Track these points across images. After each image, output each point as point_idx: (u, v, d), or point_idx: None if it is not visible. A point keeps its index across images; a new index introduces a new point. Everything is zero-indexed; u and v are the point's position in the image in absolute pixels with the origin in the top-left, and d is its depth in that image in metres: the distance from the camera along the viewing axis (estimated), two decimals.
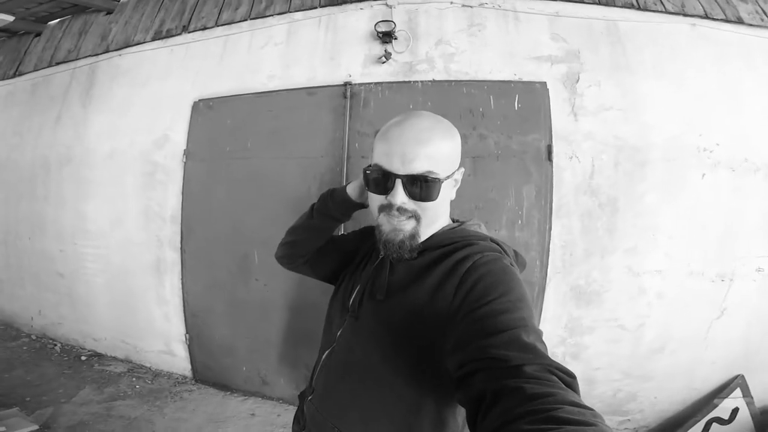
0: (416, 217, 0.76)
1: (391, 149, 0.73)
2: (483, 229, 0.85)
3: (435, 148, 0.72)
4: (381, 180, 0.74)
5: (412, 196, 0.73)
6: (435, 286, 0.72)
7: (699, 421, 2.37)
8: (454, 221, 0.87)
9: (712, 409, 2.36)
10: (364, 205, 0.96)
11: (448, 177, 0.75)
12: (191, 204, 2.90)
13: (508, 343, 0.57)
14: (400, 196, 0.73)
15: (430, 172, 0.72)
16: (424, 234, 0.79)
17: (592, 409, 0.44)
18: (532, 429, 0.42)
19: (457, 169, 0.79)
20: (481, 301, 0.64)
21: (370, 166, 0.77)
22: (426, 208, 0.75)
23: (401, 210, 0.74)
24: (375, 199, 0.78)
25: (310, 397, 0.89)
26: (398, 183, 0.72)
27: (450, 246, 0.77)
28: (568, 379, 0.53)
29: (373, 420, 0.77)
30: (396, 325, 0.74)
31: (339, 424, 0.80)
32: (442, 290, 0.71)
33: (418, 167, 0.71)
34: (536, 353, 0.56)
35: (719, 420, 2.37)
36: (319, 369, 0.89)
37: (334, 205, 1.00)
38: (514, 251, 0.83)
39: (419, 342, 0.71)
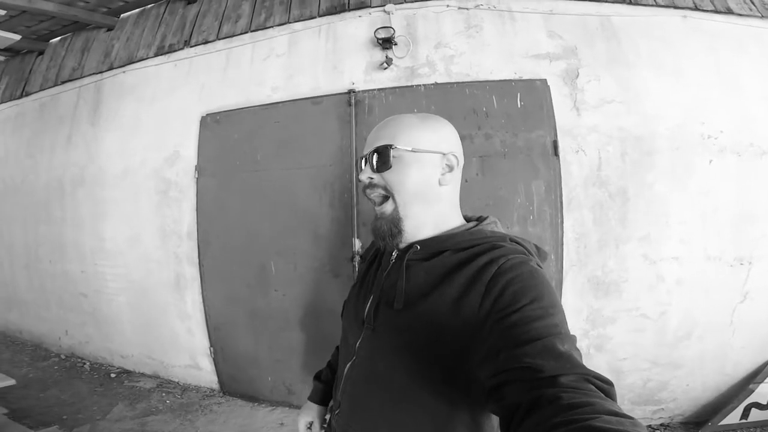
0: (391, 196, 0.85)
1: (366, 142, 0.90)
2: (499, 227, 0.89)
3: (396, 128, 0.85)
4: (360, 166, 0.90)
5: (373, 168, 0.85)
6: (459, 294, 0.74)
7: (737, 407, 2.58)
8: (468, 220, 0.92)
9: (749, 394, 2.57)
10: None
11: (413, 150, 0.83)
12: (206, 219, 3.26)
13: (542, 352, 0.59)
14: (364, 171, 0.87)
15: (387, 144, 0.83)
16: (419, 221, 0.86)
17: (632, 418, 0.47)
18: None
19: (439, 152, 0.85)
20: (511, 307, 0.66)
21: None
22: (395, 183, 0.84)
23: (371, 186, 0.87)
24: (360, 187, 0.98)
25: (337, 412, 0.93)
26: (363, 160, 0.88)
27: (470, 249, 0.79)
28: (605, 387, 0.56)
29: None
30: (418, 337, 0.76)
31: None
32: (467, 298, 0.72)
33: (378, 144, 0.85)
34: (572, 362, 0.59)
35: (758, 405, 2.59)
36: (343, 382, 0.91)
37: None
38: (535, 246, 0.86)
39: (445, 354, 0.73)
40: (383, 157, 0.83)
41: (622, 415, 0.48)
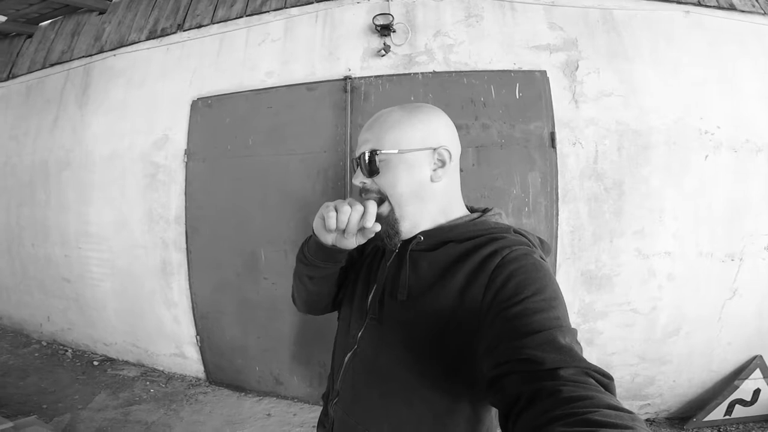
0: (386, 199, 0.83)
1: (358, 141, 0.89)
2: (504, 219, 0.88)
3: (381, 128, 0.83)
4: (354, 169, 0.88)
5: (364, 172, 0.84)
6: (462, 285, 0.74)
7: (721, 403, 2.61)
8: (472, 210, 0.90)
9: (734, 391, 2.59)
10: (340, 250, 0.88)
11: (400, 152, 0.81)
12: (195, 204, 3.19)
13: (543, 344, 0.59)
14: (357, 176, 0.86)
15: (372, 149, 0.82)
16: (415, 220, 0.84)
17: (631, 412, 0.47)
18: (567, 431, 0.45)
19: (429, 148, 0.82)
20: (514, 299, 0.66)
21: None
22: (387, 186, 0.82)
23: (364, 190, 0.86)
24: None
25: (335, 401, 0.92)
26: (356, 164, 0.86)
27: (474, 240, 0.79)
28: (605, 381, 0.56)
29: (406, 424, 0.80)
30: (423, 328, 0.76)
31: (370, 429, 0.83)
32: (471, 289, 0.72)
33: (364, 148, 0.84)
34: (572, 355, 0.58)
35: (741, 402, 2.62)
36: (342, 372, 0.91)
37: (311, 253, 0.91)
38: (539, 239, 0.85)
39: (450, 346, 0.73)
40: (370, 163, 0.82)
41: (621, 409, 0.48)
